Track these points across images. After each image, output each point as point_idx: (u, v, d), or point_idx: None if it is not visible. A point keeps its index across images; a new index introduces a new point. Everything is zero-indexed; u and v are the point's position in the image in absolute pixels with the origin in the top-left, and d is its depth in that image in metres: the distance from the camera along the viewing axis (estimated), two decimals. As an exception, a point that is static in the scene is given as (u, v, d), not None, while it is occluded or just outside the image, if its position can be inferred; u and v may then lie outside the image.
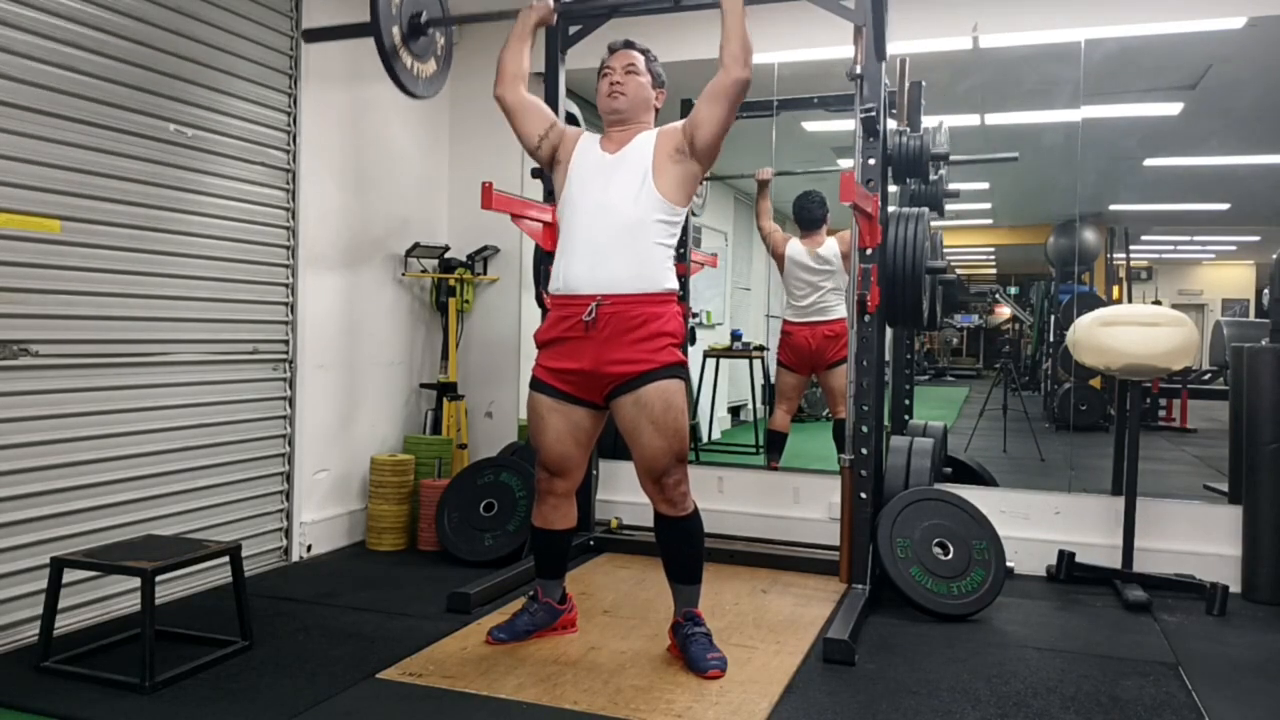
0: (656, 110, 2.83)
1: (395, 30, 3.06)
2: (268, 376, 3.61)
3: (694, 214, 4.61)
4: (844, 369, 4.59)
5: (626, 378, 2.54)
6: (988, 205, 6.22)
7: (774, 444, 4.73)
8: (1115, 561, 3.53)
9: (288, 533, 3.73)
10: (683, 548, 2.67)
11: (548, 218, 3.54)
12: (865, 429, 3.19)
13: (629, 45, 2.80)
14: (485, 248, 4.51)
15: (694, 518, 2.64)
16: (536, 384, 2.68)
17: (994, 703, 2.42)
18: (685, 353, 2.66)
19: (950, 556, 3.19)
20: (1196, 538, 3.60)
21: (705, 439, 5.76)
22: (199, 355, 3.30)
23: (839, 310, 4.52)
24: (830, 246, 4.66)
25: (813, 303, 4.66)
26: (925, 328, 4.73)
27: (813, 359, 4.67)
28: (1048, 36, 3.86)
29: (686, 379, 2.63)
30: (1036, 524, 3.77)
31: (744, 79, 2.54)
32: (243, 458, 3.50)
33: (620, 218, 2.58)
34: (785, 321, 4.77)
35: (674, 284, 2.64)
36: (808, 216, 4.71)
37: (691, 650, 2.59)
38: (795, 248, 4.73)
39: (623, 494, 4.17)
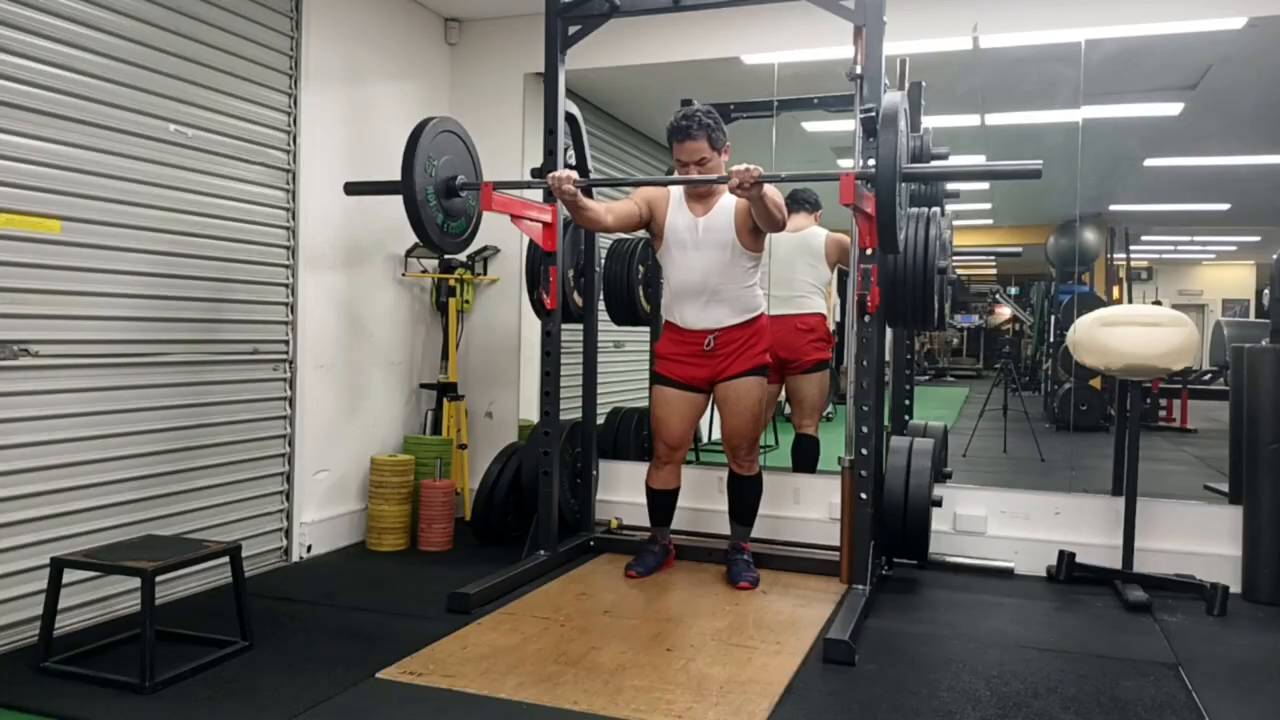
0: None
1: (433, 202, 3.23)
2: (268, 376, 3.61)
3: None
4: (817, 377, 4.37)
5: (731, 374, 3.35)
6: (988, 205, 6.22)
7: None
8: (1115, 562, 3.53)
9: (288, 533, 3.73)
10: (745, 498, 3.49)
11: (547, 218, 3.54)
12: (865, 429, 3.19)
13: (689, 135, 3.22)
14: (485, 248, 4.50)
15: (757, 478, 3.47)
16: (665, 380, 3.43)
17: (994, 703, 2.42)
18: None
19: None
20: (1196, 538, 3.60)
21: (705, 439, 5.75)
22: (199, 355, 3.30)
23: (815, 303, 4.26)
24: (815, 234, 4.38)
25: (785, 294, 4.31)
26: (935, 328, 4.69)
27: (780, 364, 4.13)
28: (1048, 37, 3.86)
29: (767, 376, 3.45)
30: (1036, 524, 3.77)
31: (780, 230, 3.26)
32: (243, 458, 3.50)
33: (718, 267, 3.29)
34: None
35: (762, 304, 3.41)
36: (792, 197, 4.34)
37: (732, 569, 3.44)
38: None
39: (623, 494, 4.18)
